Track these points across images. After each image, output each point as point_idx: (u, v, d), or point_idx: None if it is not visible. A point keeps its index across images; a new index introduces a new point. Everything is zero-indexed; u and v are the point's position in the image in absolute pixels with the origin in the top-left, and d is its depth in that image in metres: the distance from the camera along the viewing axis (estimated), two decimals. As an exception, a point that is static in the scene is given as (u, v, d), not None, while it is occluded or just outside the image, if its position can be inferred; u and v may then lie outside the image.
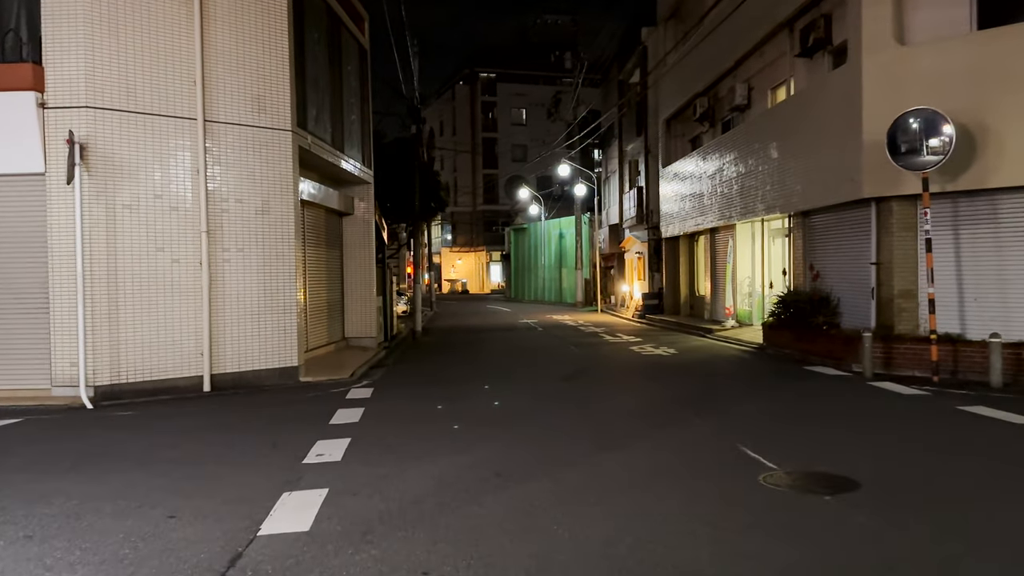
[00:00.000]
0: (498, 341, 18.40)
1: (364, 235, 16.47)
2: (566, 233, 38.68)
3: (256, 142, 11.08)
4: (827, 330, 13.09)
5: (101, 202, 9.81)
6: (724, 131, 19.96)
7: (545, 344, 17.31)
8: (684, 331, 19.48)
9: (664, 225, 24.18)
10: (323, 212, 15.17)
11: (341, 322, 16.28)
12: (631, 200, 27.24)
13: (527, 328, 22.46)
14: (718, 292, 20.46)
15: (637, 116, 26.22)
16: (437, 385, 11.14)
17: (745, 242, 18.86)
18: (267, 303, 11.15)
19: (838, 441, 6.86)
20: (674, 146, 23.91)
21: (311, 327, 14.24)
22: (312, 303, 14.34)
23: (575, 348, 15.99)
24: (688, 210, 21.71)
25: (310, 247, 14.32)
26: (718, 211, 19.13)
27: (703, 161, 20.44)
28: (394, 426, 7.95)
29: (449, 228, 60.86)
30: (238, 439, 7.38)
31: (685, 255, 23.21)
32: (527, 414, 8.51)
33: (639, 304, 26.24)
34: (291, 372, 11.35)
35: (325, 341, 15.11)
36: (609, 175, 32.75)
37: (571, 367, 13.08)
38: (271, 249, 11.20)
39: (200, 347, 10.50)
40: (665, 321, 22.18)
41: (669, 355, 14.20)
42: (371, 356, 14.46)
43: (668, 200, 23.75)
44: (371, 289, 16.45)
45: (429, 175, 21.26)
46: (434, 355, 15.77)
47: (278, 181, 11.28)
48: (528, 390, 10.46)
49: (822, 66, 14.48)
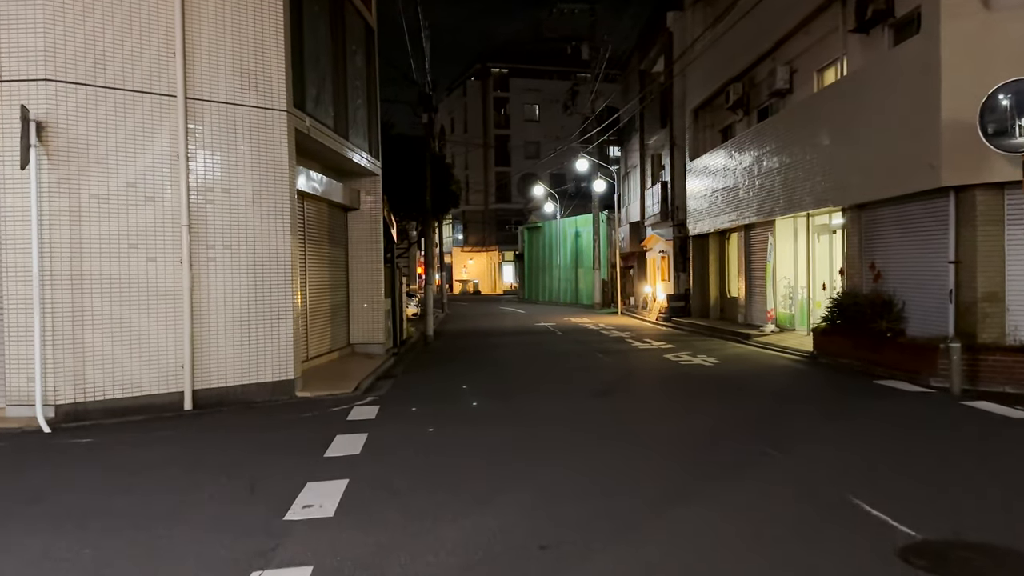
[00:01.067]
0: (516, 347, 16.95)
1: (371, 232, 15.06)
2: (582, 232, 37.18)
3: (246, 123, 9.67)
4: (891, 337, 11.56)
5: (63, 191, 8.42)
6: (760, 119, 18.43)
7: (568, 351, 15.85)
8: (718, 336, 17.96)
9: (691, 222, 22.66)
10: (325, 206, 13.77)
11: (346, 327, 14.88)
12: (654, 196, 25.73)
13: (545, 332, 21.00)
14: (754, 294, 18.93)
15: (661, 107, 24.71)
16: (452, 403, 9.70)
17: (785, 240, 17.32)
18: (259, 308, 9.74)
19: (971, 488, 5.36)
20: (702, 138, 22.38)
21: (311, 334, 12.83)
22: (313, 307, 12.93)
23: (603, 356, 14.51)
24: (719, 205, 20.18)
25: (310, 244, 12.91)
26: (756, 206, 17.60)
27: (737, 152, 18.91)
28: (402, 461, 6.51)
29: (460, 227, 59.42)
30: (209, 479, 5.95)
31: (715, 254, 21.67)
32: (564, 447, 7.05)
33: (663, 306, 24.73)
34: (286, 386, 9.93)
35: (327, 348, 13.70)
36: (629, 171, 31.23)
37: (603, 379, 11.61)
38: (263, 246, 9.79)
39: (180, 359, 9.09)
40: (694, 325, 20.66)
41: (711, 365, 12.70)
42: (378, 365, 13.04)
43: (696, 195, 22.23)
44: (379, 291, 15.04)
45: (441, 168, 19.85)
46: (447, 364, 14.34)
47: (272, 168, 9.86)
48: (559, 411, 9.00)
49: (881, 42, 12.95)
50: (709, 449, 6.74)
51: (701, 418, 8.25)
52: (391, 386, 11.05)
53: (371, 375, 11.86)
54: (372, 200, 15.11)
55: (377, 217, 15.11)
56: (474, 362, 14.28)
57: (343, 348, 14.50)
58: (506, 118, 57.30)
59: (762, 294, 18.15)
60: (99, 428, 8.08)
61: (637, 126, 28.79)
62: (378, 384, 11.26)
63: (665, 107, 24.52)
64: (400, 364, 13.92)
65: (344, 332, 14.77)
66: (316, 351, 13.06)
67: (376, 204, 15.12)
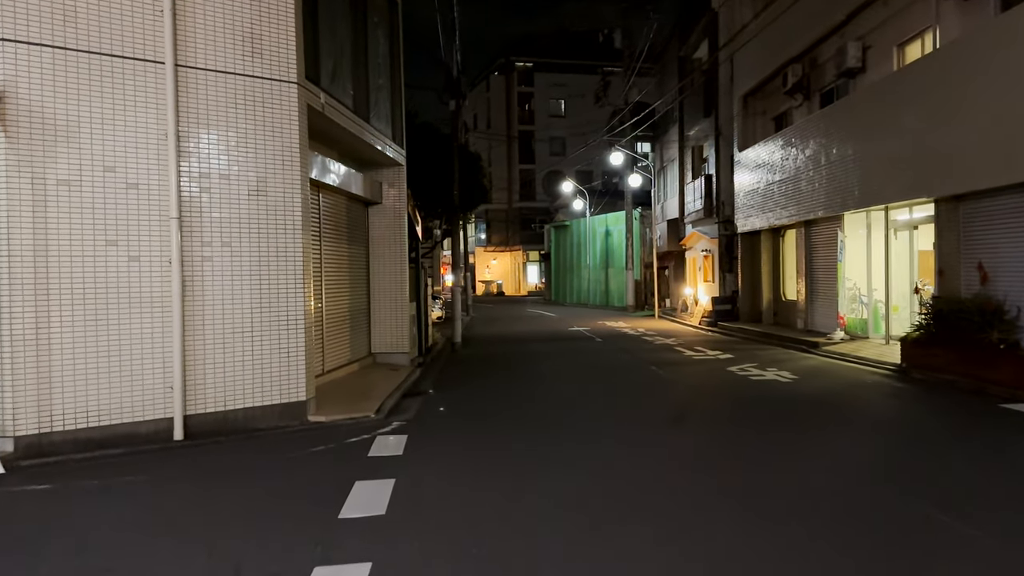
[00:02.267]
0: (555, 356, 15.31)
1: (395, 228, 13.50)
2: (613, 230, 35.43)
3: (249, 97, 8.13)
4: (1005, 350, 9.80)
5: (26, 176, 6.92)
6: (824, 104, 16.64)
7: (614, 362, 14.18)
8: (778, 344, 16.18)
9: (740, 218, 20.87)
10: (344, 199, 12.22)
11: (367, 335, 13.33)
12: (696, 191, 23.97)
13: (583, 338, 19.33)
14: (816, 297, 17.13)
15: (705, 94, 22.94)
16: (493, 430, 8.10)
17: (854, 237, 15.51)
18: (264, 316, 8.19)
19: None
20: (753, 126, 20.59)
21: (328, 343, 11.29)
22: (329, 313, 11.39)
23: (658, 369, 12.81)
24: (775, 199, 18.39)
25: (327, 242, 11.38)
26: (822, 199, 15.81)
27: (798, 140, 17.12)
28: (441, 526, 4.90)
29: (483, 226, 57.84)
30: (175, 557, 4.38)
31: (768, 253, 19.87)
32: (653, 504, 5.40)
33: (706, 310, 22.95)
34: (296, 409, 8.37)
35: (347, 359, 12.16)
36: (665, 165, 29.44)
37: (666, 401, 9.94)
38: (270, 243, 8.24)
39: (169, 379, 7.57)
40: (745, 331, 18.88)
41: (789, 382, 10.97)
42: (403, 379, 11.47)
43: (745, 189, 20.44)
44: (403, 293, 13.48)
45: (470, 159, 18.23)
46: (481, 376, 12.73)
47: (280, 152, 8.31)
48: (631, 446, 7.35)
49: (986, 8, 11.17)
50: (853, 512, 5.04)
51: (822, 466, 6.43)
52: (419, 407, 9.45)
53: (396, 391, 10.29)
54: (396, 193, 13.54)
55: (401, 212, 13.55)
56: (512, 376, 12.65)
57: (364, 358, 12.95)
58: (530, 114, 55.62)
59: (828, 297, 16.35)
60: (64, 468, 6.56)
61: (675, 117, 27.02)
62: (404, 404, 9.67)
63: (709, 95, 22.75)
64: (427, 377, 12.34)
65: (365, 340, 13.22)
66: (333, 363, 11.52)
67: (400, 197, 13.55)
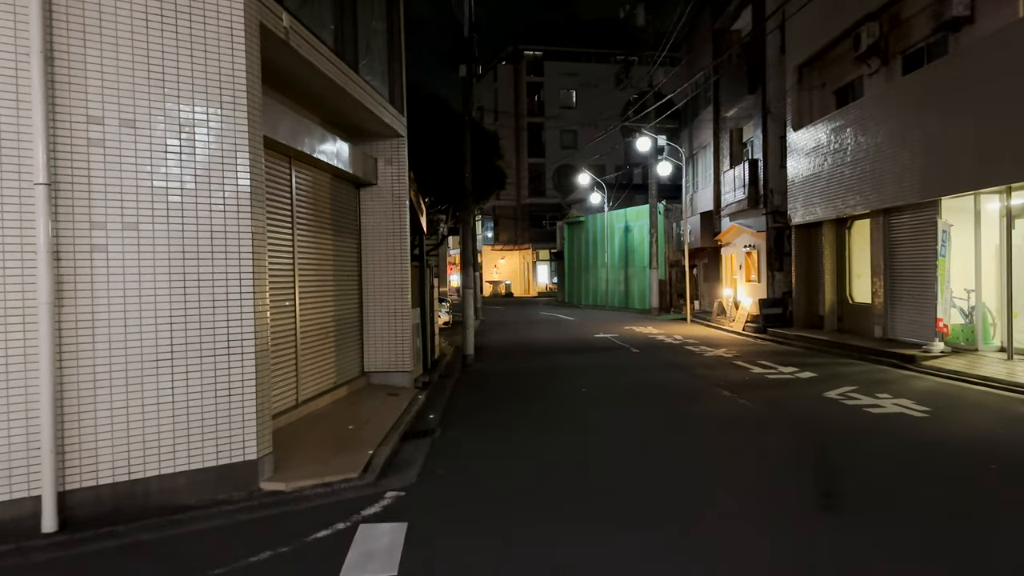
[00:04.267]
0: (590, 373, 12.56)
1: (393, 215, 10.77)
2: (633, 226, 32.67)
3: (166, 3, 5.40)
4: None
5: None
6: (909, 69, 13.87)
7: (668, 383, 11.42)
8: (857, 357, 13.39)
9: (794, 208, 18.09)
10: (328, 178, 9.51)
11: (359, 350, 10.61)
12: (735, 179, 21.19)
13: (613, 347, 16.58)
14: (899, 299, 14.33)
15: (749, 69, 20.16)
16: (538, 516, 5.36)
17: (956, 228, 12.72)
18: (191, 335, 5.46)
19: None
20: (809, 102, 17.81)
21: (305, 364, 8.56)
22: (307, 324, 8.66)
23: (731, 394, 10.03)
24: (842, 183, 15.60)
25: (304, 231, 8.65)
26: (914, 180, 13.01)
27: (876, 112, 14.34)
28: None
29: (491, 224, 55.04)
30: None
31: (830, 247, 17.07)
32: None
33: (750, 313, 20.18)
34: (242, 473, 5.63)
35: (332, 383, 9.44)
36: (696, 152, 26.65)
37: (785, 459, 7.17)
38: (200, 224, 5.51)
39: (34, 435, 4.84)
40: (806, 339, 16.08)
41: (922, 417, 8.17)
42: (403, 411, 8.74)
43: (801, 174, 17.66)
44: (404, 297, 10.75)
45: (484, 138, 15.46)
46: (503, 405, 10.00)
47: (216, 88, 5.57)
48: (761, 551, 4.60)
49: None
50: None
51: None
52: (424, 460, 6.70)
53: (393, 432, 7.56)
54: (395, 172, 10.81)
55: (401, 196, 10.81)
56: (546, 405, 9.90)
57: (355, 380, 10.22)
58: (540, 105, 52.80)
59: (916, 300, 13.57)
60: None
61: (709, 97, 24.24)
62: (403, 454, 6.94)
63: (754, 69, 19.97)
64: (434, 405, 9.61)
65: (356, 357, 10.49)
66: (313, 389, 8.79)
67: (400, 178, 10.82)
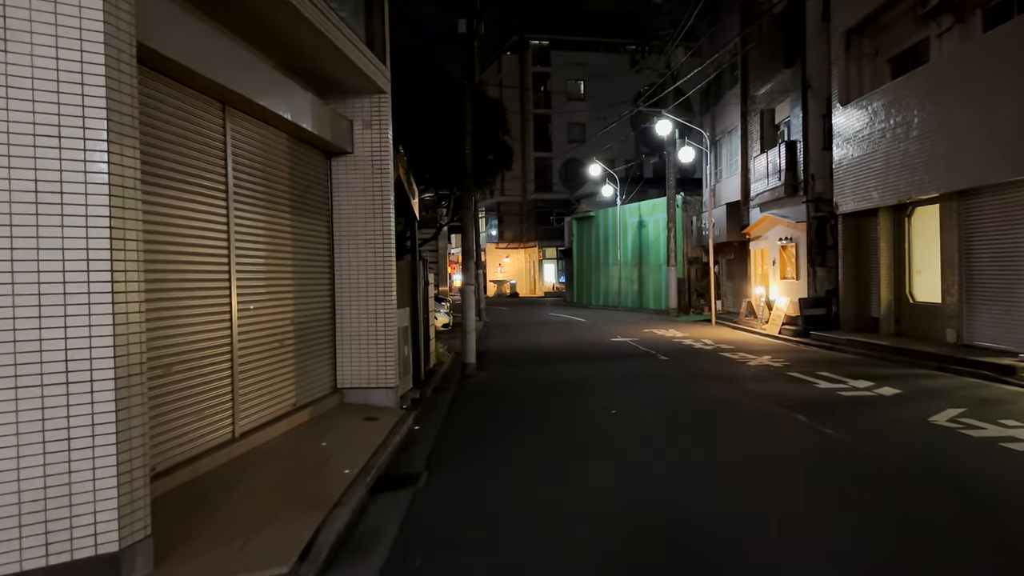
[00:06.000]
0: (617, 387, 10.37)
1: (374, 192, 8.60)
2: (648, 220, 30.45)
3: None
4: None
5: None
6: (991, 24, 11.66)
7: (715, 401, 9.23)
8: (931, 365, 11.16)
9: (842, 195, 15.87)
10: (285, 139, 7.36)
11: (330, 360, 8.45)
12: (770, 164, 18.98)
13: (636, 354, 14.40)
14: (978, 298, 12.09)
15: (785, 40, 17.94)
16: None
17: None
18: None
19: None
20: (859, 72, 15.60)
21: (248, 383, 6.39)
22: (251, 329, 6.49)
23: (804, 418, 7.82)
24: (908, 163, 13.37)
25: (249, 205, 6.49)
26: (1008, 156, 10.78)
27: (950, 76, 12.11)
28: None
29: (495, 221, 52.84)
30: None
31: (887, 239, 14.83)
32: None
33: (787, 315, 17.96)
34: None
35: (290, 406, 7.28)
36: (719, 139, 24.42)
37: (921, 520, 4.96)
38: (9, 171, 3.35)
39: None
40: (860, 344, 13.86)
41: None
42: (381, 442, 6.57)
43: (851, 156, 15.44)
44: (387, 294, 8.58)
45: (489, 107, 13.19)
46: (511, 431, 7.82)
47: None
48: None
49: None
50: None
51: None
52: (398, 532, 4.52)
53: (360, 480, 5.39)
54: (375, 138, 8.64)
55: (384, 168, 8.64)
56: (565, 436, 7.70)
57: (323, 399, 8.06)
58: (547, 96, 50.55)
59: (1005, 299, 11.35)
60: None
61: (736, 76, 22.03)
62: (370, 517, 4.78)
63: (791, 39, 17.75)
64: (423, 434, 7.44)
65: (326, 370, 8.33)
66: (258, 417, 6.63)
67: (382, 145, 8.65)
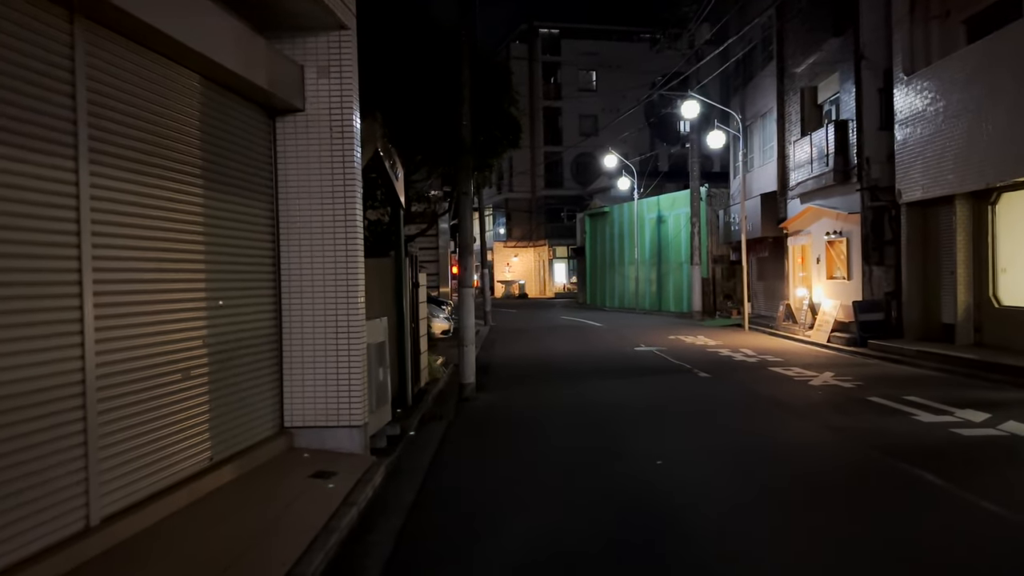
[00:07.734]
0: (654, 420, 8.16)
1: (333, 163, 6.38)
2: (667, 216, 28.18)
3: None
4: None
5: None
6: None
7: (789, 444, 7.01)
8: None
9: (907, 180, 13.57)
10: (197, 83, 5.15)
11: (275, 389, 6.24)
12: (814, 148, 16.68)
13: (668, 368, 12.17)
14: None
15: (834, 4, 15.63)
16: None
17: None
18: None
19: None
20: (926, 38, 13.29)
21: (119, 437, 4.15)
22: (126, 354, 4.25)
23: (936, 478, 5.55)
24: (997, 139, 11.07)
25: (133, 173, 4.23)
26: None
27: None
28: None
29: (503, 219, 50.59)
30: None
31: (964, 232, 12.50)
32: None
33: (836, 320, 15.65)
34: None
35: (202, 462, 5.06)
36: (749, 124, 22.10)
37: None
38: None
39: None
40: (932, 356, 11.55)
41: None
42: (324, 524, 4.35)
43: (918, 135, 13.13)
44: (354, 299, 6.37)
45: (491, 73, 10.97)
46: (522, 500, 5.61)
47: None
48: None
49: None
50: None
51: None
52: None
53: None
54: (334, 89, 6.41)
55: (347, 130, 6.41)
56: (601, 509, 5.48)
57: (258, 446, 5.85)
58: (557, 88, 48.24)
59: None
60: None
61: (771, 52, 19.73)
62: None
63: (840, 4, 15.44)
64: (392, 508, 5.23)
65: (267, 405, 6.12)
66: (138, 487, 4.41)
67: (343, 99, 6.41)
